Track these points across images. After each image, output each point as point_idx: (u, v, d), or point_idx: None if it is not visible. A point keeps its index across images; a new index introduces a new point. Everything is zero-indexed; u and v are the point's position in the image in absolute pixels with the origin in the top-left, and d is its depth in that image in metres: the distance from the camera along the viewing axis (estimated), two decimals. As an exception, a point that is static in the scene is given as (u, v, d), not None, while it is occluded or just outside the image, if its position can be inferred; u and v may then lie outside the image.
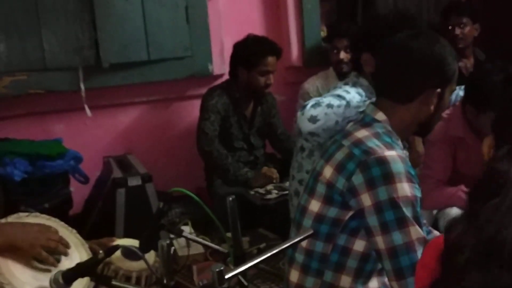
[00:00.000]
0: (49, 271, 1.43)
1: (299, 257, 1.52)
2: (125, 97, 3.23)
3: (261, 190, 2.81)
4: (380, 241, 1.38)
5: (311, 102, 1.98)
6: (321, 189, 1.48)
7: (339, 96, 1.96)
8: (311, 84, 3.29)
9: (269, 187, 2.83)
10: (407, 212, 1.36)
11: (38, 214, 1.65)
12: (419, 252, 1.35)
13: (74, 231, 1.60)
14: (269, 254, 1.18)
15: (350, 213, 1.43)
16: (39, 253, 1.44)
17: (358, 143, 1.44)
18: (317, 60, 3.44)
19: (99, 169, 3.06)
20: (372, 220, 1.39)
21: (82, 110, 3.05)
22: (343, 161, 1.44)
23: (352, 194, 1.41)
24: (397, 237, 1.36)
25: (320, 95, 3.15)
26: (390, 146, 1.43)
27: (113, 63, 3.00)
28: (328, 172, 1.46)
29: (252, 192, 2.80)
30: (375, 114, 1.50)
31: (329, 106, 1.93)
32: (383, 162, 1.38)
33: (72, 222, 1.79)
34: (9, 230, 1.45)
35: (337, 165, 1.45)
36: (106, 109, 3.20)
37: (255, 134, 3.13)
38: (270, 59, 2.92)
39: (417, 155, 1.72)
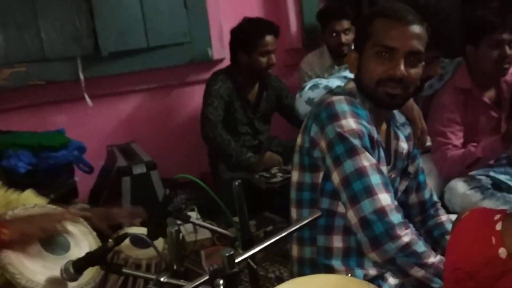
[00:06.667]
0: (59, 260, 1.43)
1: None
2: (125, 85, 3.22)
3: (266, 174, 2.80)
4: (335, 177, 1.40)
5: (309, 84, 1.96)
6: (296, 158, 1.55)
7: (345, 78, 1.94)
8: (307, 63, 3.27)
9: (274, 170, 2.83)
10: (355, 142, 1.39)
11: (44, 205, 1.65)
12: (373, 177, 1.35)
13: (81, 219, 1.60)
14: (278, 237, 1.18)
15: (321, 174, 1.48)
16: (50, 228, 1.44)
17: (317, 103, 1.52)
18: (317, 41, 3.42)
19: (103, 158, 3.06)
20: (328, 160, 1.42)
21: (83, 100, 3.04)
22: (305, 122, 1.52)
23: (313, 146, 1.46)
24: (348, 166, 1.38)
25: (316, 73, 3.12)
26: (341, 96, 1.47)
27: (112, 51, 2.98)
28: (299, 138, 1.54)
29: (257, 176, 2.79)
30: (346, 85, 1.57)
31: (327, 88, 1.91)
32: (329, 105, 1.45)
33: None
34: (17, 223, 1.46)
35: (302, 128, 1.52)
36: (107, 98, 3.19)
37: (260, 119, 3.11)
38: (268, 38, 2.88)
39: (422, 132, 1.70)
